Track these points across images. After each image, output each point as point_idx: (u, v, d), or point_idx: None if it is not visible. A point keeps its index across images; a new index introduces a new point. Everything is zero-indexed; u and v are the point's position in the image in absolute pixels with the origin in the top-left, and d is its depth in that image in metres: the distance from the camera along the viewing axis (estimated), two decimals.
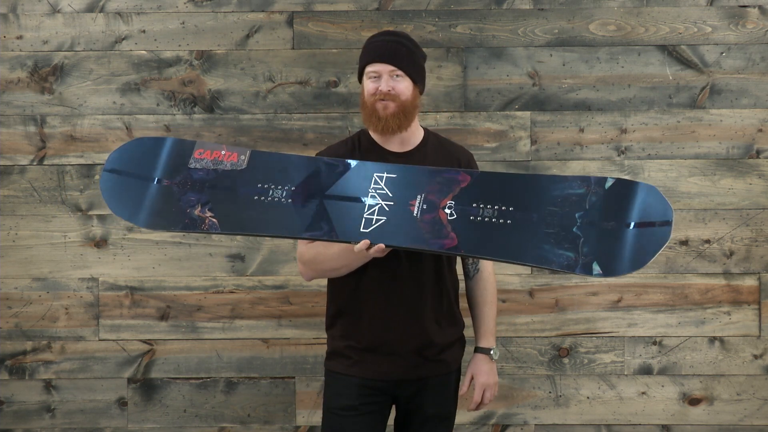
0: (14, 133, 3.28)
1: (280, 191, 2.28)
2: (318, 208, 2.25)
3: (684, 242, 3.26)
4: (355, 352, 2.40)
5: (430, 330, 2.39)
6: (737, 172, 3.25)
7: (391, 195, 2.24)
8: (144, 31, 3.27)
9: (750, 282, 3.26)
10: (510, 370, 3.27)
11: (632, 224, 2.10)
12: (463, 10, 3.25)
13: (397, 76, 2.38)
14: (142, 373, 3.30)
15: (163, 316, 3.29)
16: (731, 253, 3.26)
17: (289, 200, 2.26)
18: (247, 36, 3.27)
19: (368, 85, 2.39)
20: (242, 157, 2.34)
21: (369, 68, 2.39)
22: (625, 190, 2.15)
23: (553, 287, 3.27)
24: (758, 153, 3.25)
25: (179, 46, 3.27)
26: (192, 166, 2.34)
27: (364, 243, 2.19)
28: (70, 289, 3.29)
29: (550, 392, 3.28)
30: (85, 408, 3.31)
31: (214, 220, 2.25)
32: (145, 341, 3.29)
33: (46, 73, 3.27)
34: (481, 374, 2.48)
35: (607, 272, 2.07)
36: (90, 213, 3.28)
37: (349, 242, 2.21)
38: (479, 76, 3.26)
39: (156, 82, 3.27)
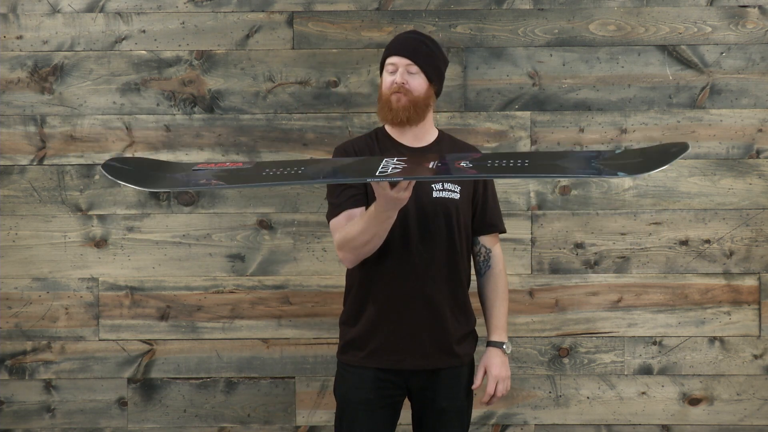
0: (14, 133, 3.28)
1: (289, 170, 2.24)
2: (330, 174, 2.21)
3: (684, 242, 3.26)
4: (369, 343, 2.43)
5: (443, 320, 2.42)
6: (737, 172, 3.25)
7: (403, 162, 2.20)
8: (144, 31, 3.27)
9: (750, 282, 3.26)
10: (510, 370, 3.27)
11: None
12: (463, 10, 3.25)
13: (412, 72, 2.43)
14: (142, 373, 3.29)
15: (163, 316, 3.28)
16: (731, 253, 3.26)
17: (300, 170, 2.22)
18: (247, 36, 3.26)
19: (385, 77, 2.46)
20: (247, 165, 2.30)
21: (388, 60, 2.46)
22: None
23: (553, 287, 3.27)
24: (758, 153, 3.25)
25: (179, 46, 3.27)
26: (195, 169, 2.30)
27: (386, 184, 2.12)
28: (70, 289, 3.28)
29: (550, 392, 3.28)
30: (85, 408, 3.31)
31: (220, 182, 2.19)
32: (145, 341, 3.29)
33: (46, 73, 3.27)
34: (493, 366, 2.52)
35: (631, 173, 2.05)
36: (90, 213, 3.28)
37: (365, 180, 2.15)
38: (479, 76, 3.26)
39: (156, 82, 3.27)
